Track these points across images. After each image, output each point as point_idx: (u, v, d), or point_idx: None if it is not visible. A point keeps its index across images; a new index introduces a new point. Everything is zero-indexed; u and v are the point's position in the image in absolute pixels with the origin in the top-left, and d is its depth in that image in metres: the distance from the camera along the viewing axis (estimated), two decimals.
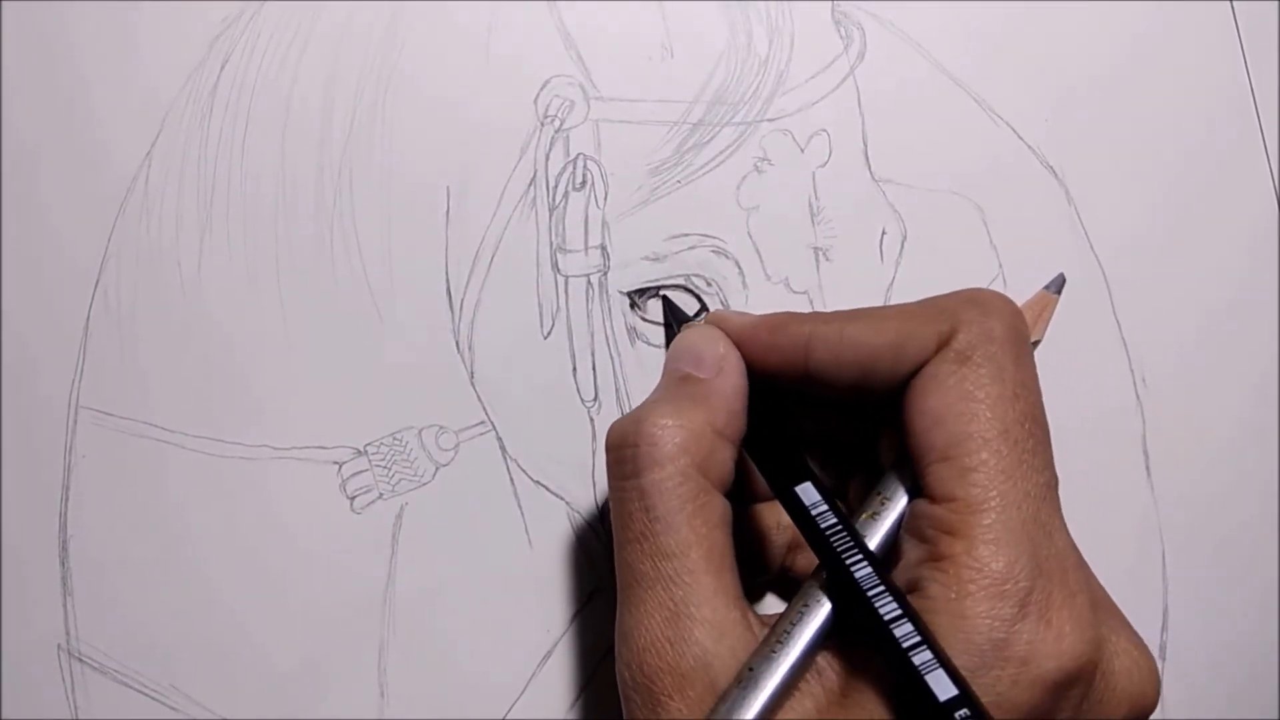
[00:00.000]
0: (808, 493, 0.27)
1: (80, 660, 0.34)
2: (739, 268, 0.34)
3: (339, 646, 0.34)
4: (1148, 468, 0.36)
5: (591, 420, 0.34)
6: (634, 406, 0.34)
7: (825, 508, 0.26)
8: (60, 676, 0.34)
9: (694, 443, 0.26)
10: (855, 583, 0.25)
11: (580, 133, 0.34)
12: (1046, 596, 0.24)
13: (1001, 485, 0.25)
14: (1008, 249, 0.35)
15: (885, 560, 0.26)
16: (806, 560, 0.31)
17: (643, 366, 0.34)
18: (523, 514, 0.34)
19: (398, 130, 0.34)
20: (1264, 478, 0.36)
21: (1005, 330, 0.26)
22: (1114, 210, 0.36)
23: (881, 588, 0.25)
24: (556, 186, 0.34)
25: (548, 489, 0.34)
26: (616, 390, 0.34)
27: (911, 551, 0.26)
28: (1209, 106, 0.36)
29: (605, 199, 0.34)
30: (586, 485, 0.34)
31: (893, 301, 0.35)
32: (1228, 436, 0.36)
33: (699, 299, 0.35)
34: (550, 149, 0.34)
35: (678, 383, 0.29)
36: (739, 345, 0.29)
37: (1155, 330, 0.36)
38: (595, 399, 0.34)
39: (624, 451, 0.27)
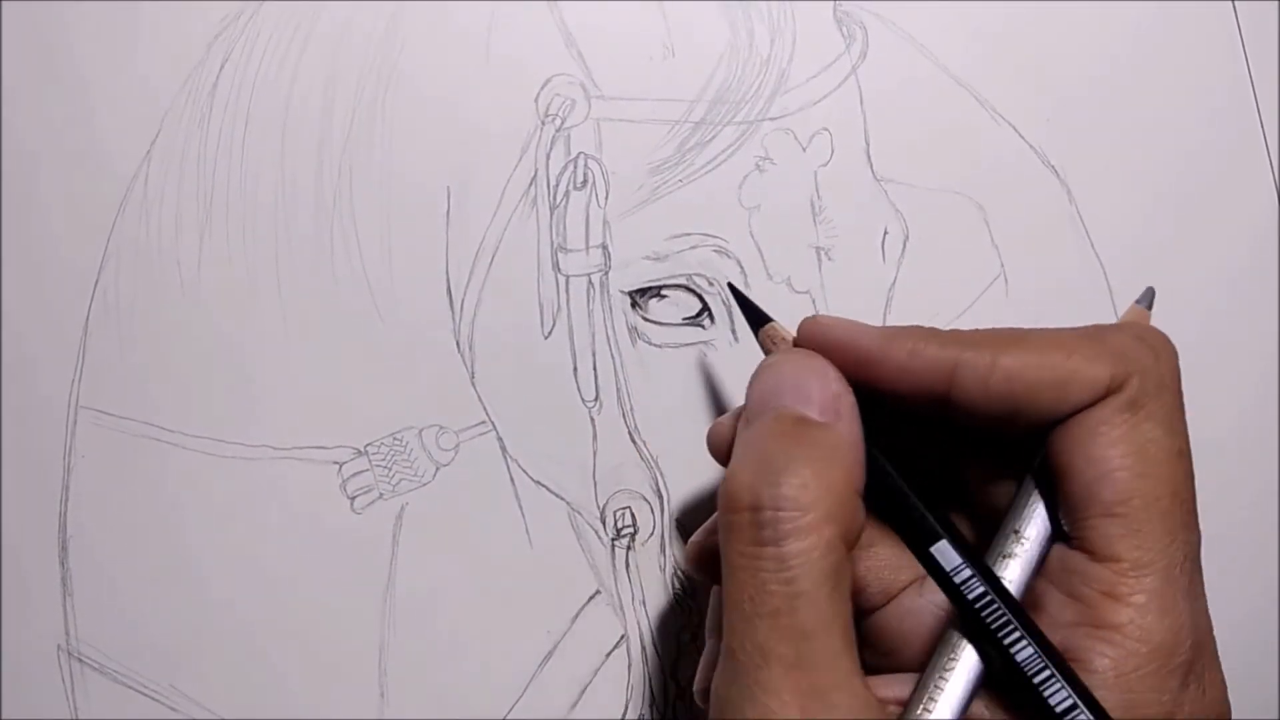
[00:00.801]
0: (946, 555, 0.25)
1: (80, 660, 0.34)
2: (741, 267, 0.34)
3: (339, 647, 0.34)
4: None
5: (592, 420, 0.34)
6: (633, 404, 0.34)
7: (970, 573, 0.24)
8: (60, 676, 0.34)
9: (840, 509, 0.24)
10: (1018, 667, 0.23)
11: (581, 132, 0.34)
12: (1204, 663, 0.24)
13: (1168, 549, 0.24)
14: (1009, 249, 0.35)
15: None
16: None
17: (644, 366, 0.34)
18: (523, 514, 0.34)
19: (398, 130, 0.34)
20: (1264, 478, 0.36)
21: (1174, 379, 0.25)
22: (1115, 210, 0.36)
23: (1049, 673, 0.23)
24: (557, 185, 0.34)
25: (548, 489, 0.34)
26: (617, 390, 0.34)
27: (1061, 609, 0.24)
28: (1210, 106, 0.36)
29: (606, 198, 0.34)
30: (587, 485, 0.34)
31: (895, 301, 0.35)
32: (1227, 436, 0.36)
33: (701, 299, 0.35)
34: (551, 148, 0.34)
35: (794, 428, 0.25)
36: (855, 365, 0.26)
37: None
38: (596, 399, 0.34)
39: (761, 515, 0.23)
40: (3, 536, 0.34)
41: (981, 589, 0.24)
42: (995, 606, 0.24)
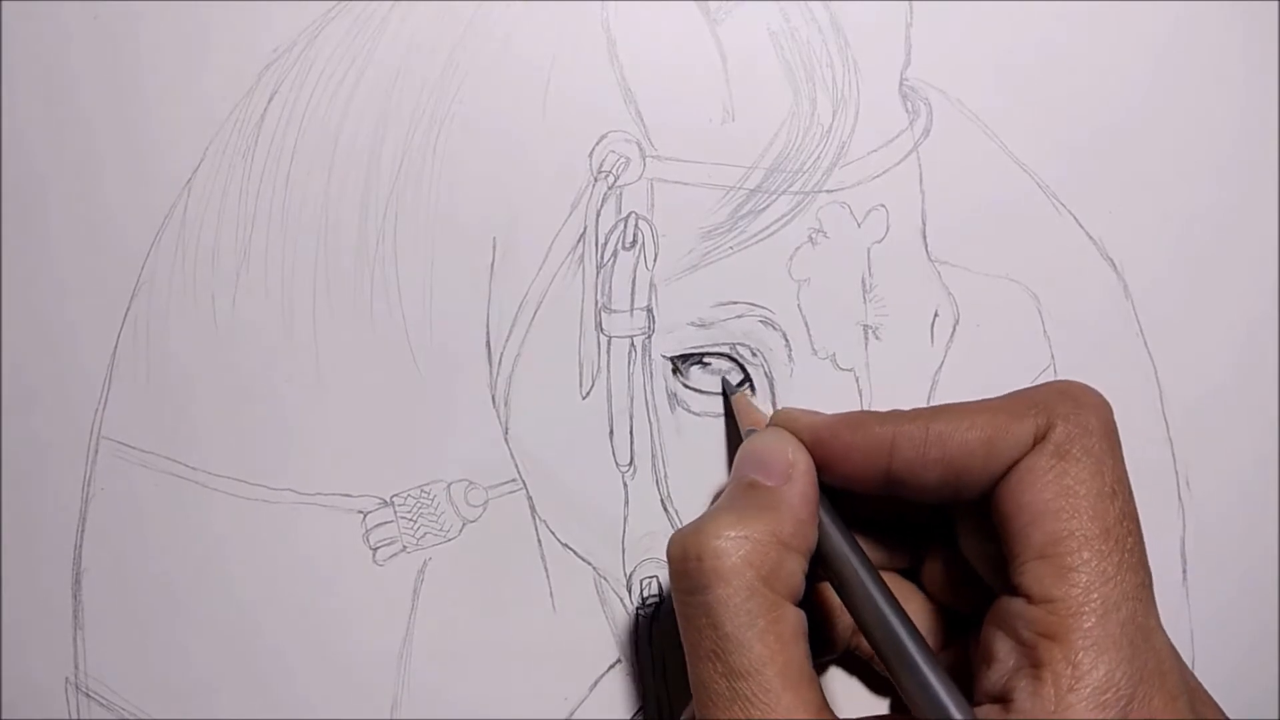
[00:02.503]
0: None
1: (88, 695, 0.33)
2: (786, 340, 0.34)
3: (351, 700, 0.33)
4: (1184, 565, 0.35)
5: (625, 485, 0.34)
6: (668, 472, 0.34)
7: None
8: (67, 711, 0.33)
9: (759, 555, 0.25)
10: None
11: (634, 191, 0.33)
12: (1148, 703, 0.24)
13: (1102, 587, 0.24)
14: (1061, 341, 0.35)
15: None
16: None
17: (681, 433, 0.34)
18: (548, 577, 0.34)
19: (447, 176, 0.33)
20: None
21: (1101, 424, 0.26)
22: (1172, 308, 0.35)
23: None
24: (606, 244, 0.33)
25: (575, 553, 0.34)
26: (653, 456, 0.34)
27: (1006, 655, 0.25)
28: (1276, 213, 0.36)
29: (655, 260, 0.33)
30: (615, 551, 0.34)
31: (940, 385, 0.34)
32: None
33: (743, 369, 0.34)
34: (602, 205, 0.33)
35: (744, 490, 0.28)
36: (812, 446, 0.28)
37: (1205, 440, 0.35)
38: (631, 464, 0.34)
39: (687, 565, 0.26)
40: (17, 566, 0.33)
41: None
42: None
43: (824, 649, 0.31)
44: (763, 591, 0.25)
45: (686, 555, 0.26)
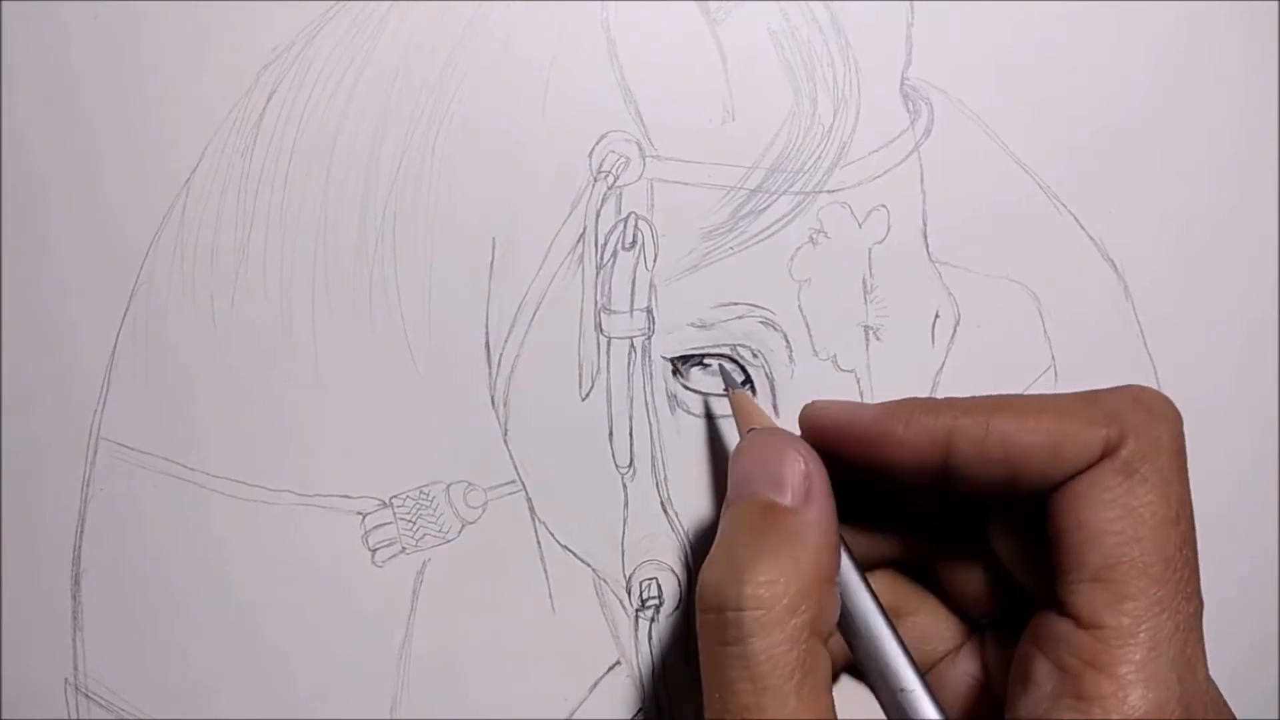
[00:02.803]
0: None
1: (87, 696, 0.33)
2: (786, 341, 0.34)
3: (351, 700, 0.33)
4: None
5: (624, 487, 0.34)
6: (668, 474, 0.34)
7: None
8: (66, 712, 0.33)
9: (804, 600, 0.24)
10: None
11: (634, 191, 0.33)
12: None
13: (1156, 618, 0.23)
14: (1061, 341, 0.34)
15: None
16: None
17: (681, 435, 0.34)
18: (547, 578, 0.34)
19: (446, 176, 0.33)
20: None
21: (1172, 441, 0.25)
22: (1172, 308, 0.35)
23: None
24: (605, 244, 0.33)
25: (575, 554, 0.34)
26: (653, 458, 0.34)
27: (1047, 678, 0.24)
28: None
29: (655, 261, 0.33)
30: (615, 552, 0.34)
31: (941, 386, 0.34)
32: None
33: (744, 370, 0.34)
34: (602, 206, 0.33)
35: (762, 515, 0.26)
36: (861, 442, 0.26)
37: (1205, 441, 0.35)
38: (630, 465, 0.34)
39: (725, 615, 0.24)
40: (17, 566, 0.33)
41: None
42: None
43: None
44: (807, 639, 0.24)
45: (725, 605, 0.24)
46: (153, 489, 0.33)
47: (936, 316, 0.34)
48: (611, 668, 0.34)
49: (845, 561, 0.27)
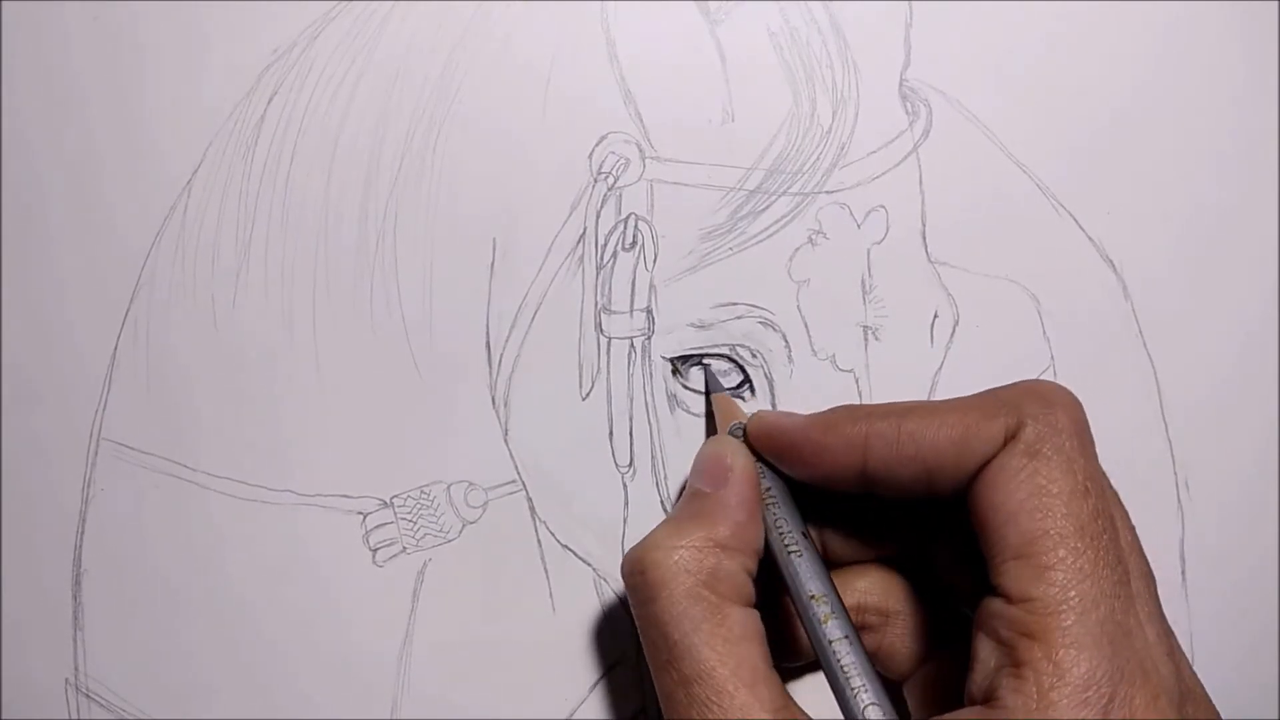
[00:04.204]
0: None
1: (87, 696, 0.33)
2: (785, 341, 0.34)
3: (351, 700, 0.33)
4: (1184, 565, 0.35)
5: (625, 487, 0.34)
6: (668, 473, 0.34)
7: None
8: (67, 711, 0.33)
9: (694, 561, 0.27)
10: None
11: (633, 192, 0.33)
12: (1129, 701, 0.24)
13: (1079, 585, 0.24)
14: (1061, 341, 0.35)
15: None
16: None
17: (681, 434, 0.34)
18: (548, 578, 0.34)
19: (447, 176, 0.33)
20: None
21: (1071, 423, 0.26)
22: (1172, 310, 0.35)
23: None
24: (605, 245, 0.33)
25: (575, 554, 0.34)
26: (653, 457, 0.34)
27: (988, 655, 0.25)
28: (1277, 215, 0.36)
29: (655, 261, 0.33)
30: (615, 552, 0.34)
31: (940, 386, 0.34)
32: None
33: (743, 370, 0.34)
34: (602, 206, 0.33)
35: (686, 500, 0.29)
36: (789, 449, 0.29)
37: (1204, 441, 0.35)
38: (630, 465, 0.34)
39: (633, 579, 0.27)
40: (17, 566, 0.33)
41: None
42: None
43: (791, 655, 0.31)
44: (703, 596, 0.26)
45: (632, 570, 0.27)
46: (153, 489, 0.33)
47: (935, 317, 0.34)
48: (612, 667, 0.34)
49: (791, 536, 0.28)
